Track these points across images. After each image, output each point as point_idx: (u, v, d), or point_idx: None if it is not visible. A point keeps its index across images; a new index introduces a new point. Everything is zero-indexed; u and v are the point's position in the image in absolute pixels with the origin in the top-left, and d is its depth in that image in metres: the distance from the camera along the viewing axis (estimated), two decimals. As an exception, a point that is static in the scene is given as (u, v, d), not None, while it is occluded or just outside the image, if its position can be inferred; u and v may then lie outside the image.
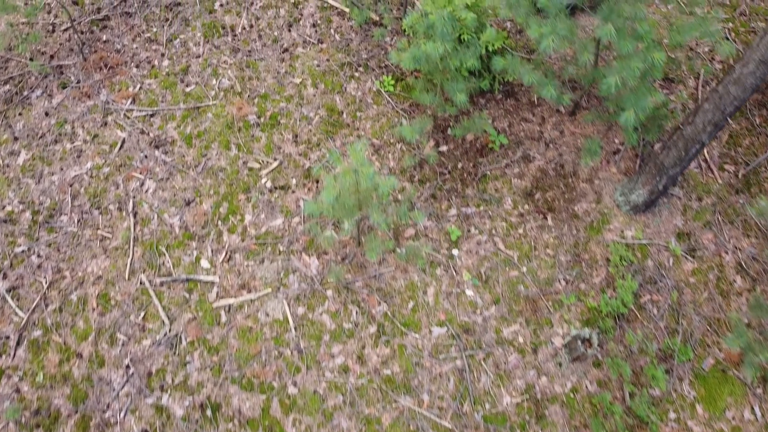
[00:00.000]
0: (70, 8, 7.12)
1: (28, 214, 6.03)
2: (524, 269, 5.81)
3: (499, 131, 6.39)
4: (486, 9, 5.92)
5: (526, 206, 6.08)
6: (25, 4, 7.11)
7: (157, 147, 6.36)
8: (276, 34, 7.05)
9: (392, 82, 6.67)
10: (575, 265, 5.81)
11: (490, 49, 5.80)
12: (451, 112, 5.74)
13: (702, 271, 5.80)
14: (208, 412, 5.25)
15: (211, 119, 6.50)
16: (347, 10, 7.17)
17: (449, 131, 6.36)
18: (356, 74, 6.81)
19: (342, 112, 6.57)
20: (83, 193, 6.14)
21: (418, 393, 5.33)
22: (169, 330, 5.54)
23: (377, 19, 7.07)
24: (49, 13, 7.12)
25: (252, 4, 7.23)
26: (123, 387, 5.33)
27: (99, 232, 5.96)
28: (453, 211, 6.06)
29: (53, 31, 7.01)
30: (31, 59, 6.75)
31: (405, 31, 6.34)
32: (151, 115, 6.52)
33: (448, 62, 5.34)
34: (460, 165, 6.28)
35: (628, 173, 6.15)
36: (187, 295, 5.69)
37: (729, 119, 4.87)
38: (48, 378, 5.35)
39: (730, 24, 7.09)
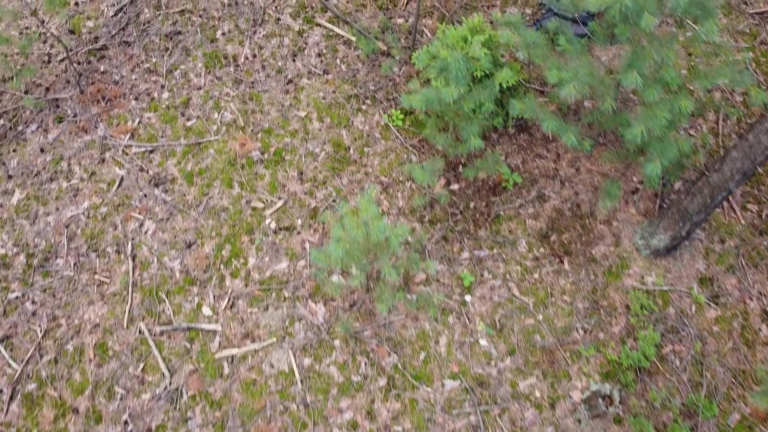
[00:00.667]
0: (67, 37, 6.87)
1: (22, 258, 5.79)
2: (540, 317, 5.56)
3: (512, 169, 6.14)
4: (499, 43, 5.68)
5: (542, 249, 5.83)
6: (20, 34, 6.86)
7: (156, 185, 6.12)
8: (280, 64, 6.80)
9: (401, 116, 6.42)
10: (593, 313, 5.57)
11: (505, 86, 5.55)
12: (464, 152, 5.49)
13: (726, 318, 5.56)
14: (211, 472, 5.01)
15: (212, 155, 6.25)
16: (353, 39, 6.92)
17: (461, 169, 6.11)
18: (363, 107, 6.56)
19: (349, 148, 6.33)
20: (80, 234, 5.89)
21: (431, 451, 5.09)
22: (170, 383, 5.30)
23: (385, 48, 6.82)
24: (44, 42, 6.87)
25: (255, 32, 6.98)
26: (121, 445, 5.09)
27: (96, 276, 5.72)
28: (465, 255, 5.81)
29: (49, 61, 6.76)
30: (26, 92, 6.50)
31: (414, 63, 6.08)
32: (151, 151, 6.28)
33: (462, 104, 5.10)
34: (472, 204, 6.03)
35: (648, 214, 5.90)
36: (188, 345, 5.44)
37: (759, 167, 4.63)
38: (42, 435, 5.11)
39: (751, 54, 6.83)
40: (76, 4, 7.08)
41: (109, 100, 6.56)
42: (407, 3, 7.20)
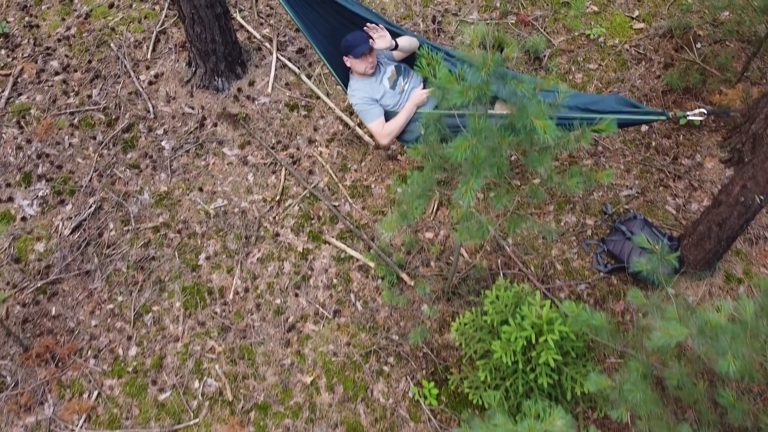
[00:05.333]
0: (9, 269, 5.45)
1: None
2: None
3: (583, 475, 4.70)
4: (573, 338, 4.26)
5: None
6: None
7: (118, 494, 4.70)
8: (279, 301, 5.38)
9: (435, 390, 4.98)
10: None
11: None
12: None
13: None
14: None
15: (191, 449, 4.83)
16: (372, 264, 5.49)
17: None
18: (386, 368, 5.13)
19: (368, 433, 4.90)
20: None
21: None
22: None
23: (411, 284, 5.38)
24: (-19, 276, 5.46)
25: (248, 254, 5.55)
26: None
27: None
28: None
29: (-14, 304, 5.34)
30: (-47, 355, 5.09)
31: (456, 339, 4.65)
32: (112, 442, 4.85)
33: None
34: None
35: None
36: None
37: None
38: None
39: None
40: (23, 219, 5.66)
41: (60, 360, 5.14)
42: (437, 210, 5.77)
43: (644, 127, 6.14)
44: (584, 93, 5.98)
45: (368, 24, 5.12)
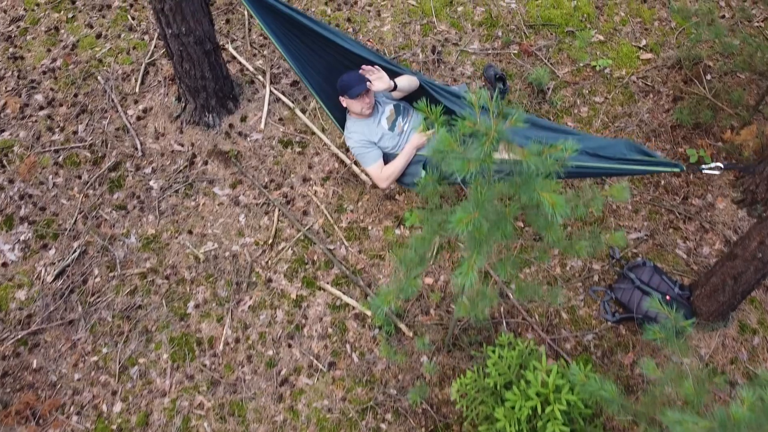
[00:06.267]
0: (-11, 319, 5.21)
1: None
2: None
3: None
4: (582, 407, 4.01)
5: None
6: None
7: None
8: (271, 352, 5.13)
9: (435, 451, 4.74)
10: None
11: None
12: None
13: None
14: None
15: None
16: (368, 312, 5.24)
17: None
18: (383, 425, 4.88)
19: (364, 497, 4.65)
20: None
21: None
22: None
23: (410, 335, 5.14)
24: (-41, 327, 5.21)
25: (239, 302, 5.30)
26: None
27: None
28: None
29: (-36, 357, 5.10)
30: (-72, 413, 4.84)
31: (457, 401, 4.40)
32: (94, 507, 4.61)
33: None
34: None
35: None
36: None
37: None
38: None
39: None
40: (4, 264, 5.41)
41: (41, 417, 4.89)
42: (436, 254, 5.52)
43: (653, 165, 5.88)
44: (593, 135, 5.72)
45: (365, 66, 4.88)
